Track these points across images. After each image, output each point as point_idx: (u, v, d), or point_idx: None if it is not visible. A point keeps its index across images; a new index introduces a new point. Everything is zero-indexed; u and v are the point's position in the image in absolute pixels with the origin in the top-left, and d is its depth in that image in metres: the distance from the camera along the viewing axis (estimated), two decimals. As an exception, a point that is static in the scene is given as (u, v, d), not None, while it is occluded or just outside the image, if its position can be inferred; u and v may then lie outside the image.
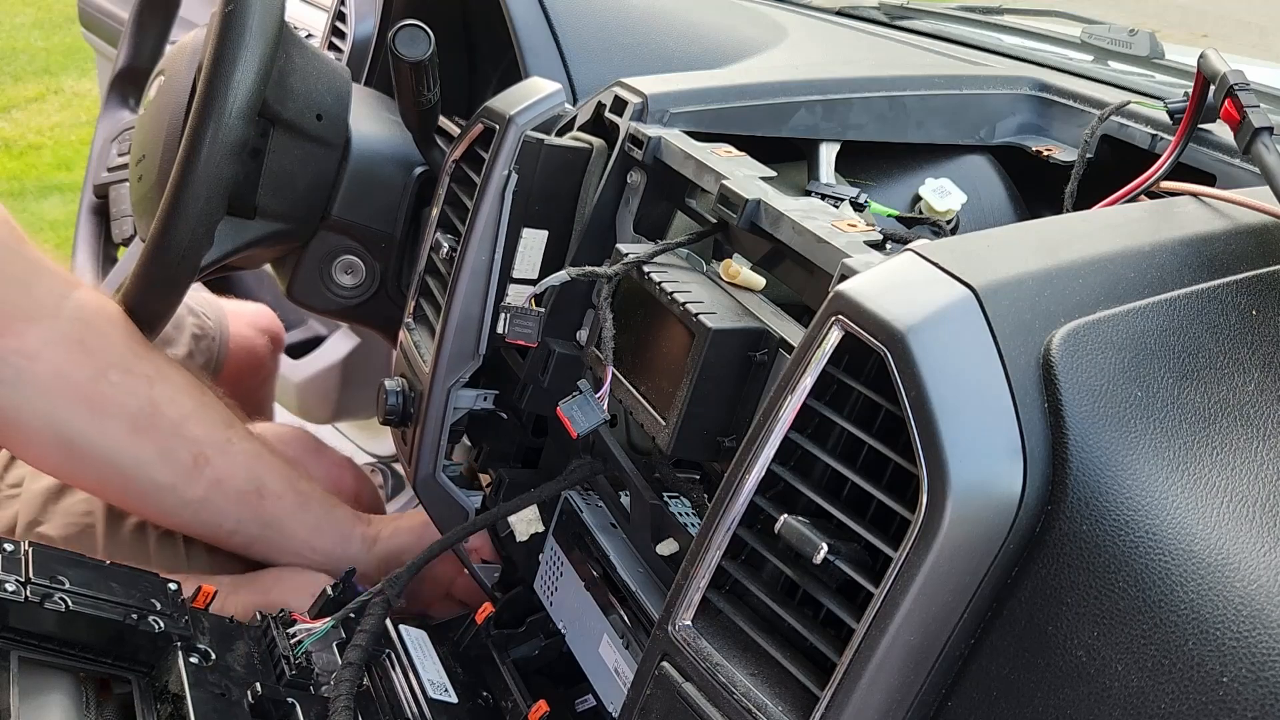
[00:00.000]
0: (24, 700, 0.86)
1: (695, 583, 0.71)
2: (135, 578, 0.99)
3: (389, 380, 1.16)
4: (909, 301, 0.63)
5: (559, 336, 1.03)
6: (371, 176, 1.29)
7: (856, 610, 0.64)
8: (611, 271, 0.90)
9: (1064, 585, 0.60)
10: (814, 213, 0.84)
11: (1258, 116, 0.77)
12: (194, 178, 1.09)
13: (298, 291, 1.33)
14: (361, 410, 2.23)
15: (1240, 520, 0.58)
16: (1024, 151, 1.16)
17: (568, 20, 1.33)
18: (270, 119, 1.20)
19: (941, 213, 1.08)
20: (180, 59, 1.25)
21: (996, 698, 0.62)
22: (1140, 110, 1.08)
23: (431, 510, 1.15)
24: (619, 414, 1.01)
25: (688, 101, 1.03)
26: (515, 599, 1.15)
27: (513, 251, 1.07)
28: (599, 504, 1.05)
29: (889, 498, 0.64)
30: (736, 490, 0.69)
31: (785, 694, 0.67)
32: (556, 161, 1.05)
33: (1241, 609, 0.54)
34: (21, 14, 6.41)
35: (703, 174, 0.93)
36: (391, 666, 1.06)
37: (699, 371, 0.80)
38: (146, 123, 1.28)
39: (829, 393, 0.68)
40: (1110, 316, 0.66)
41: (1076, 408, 0.62)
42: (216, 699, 0.92)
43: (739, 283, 0.88)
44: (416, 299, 1.20)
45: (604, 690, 0.99)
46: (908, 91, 1.13)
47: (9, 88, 5.43)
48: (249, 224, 1.24)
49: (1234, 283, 0.71)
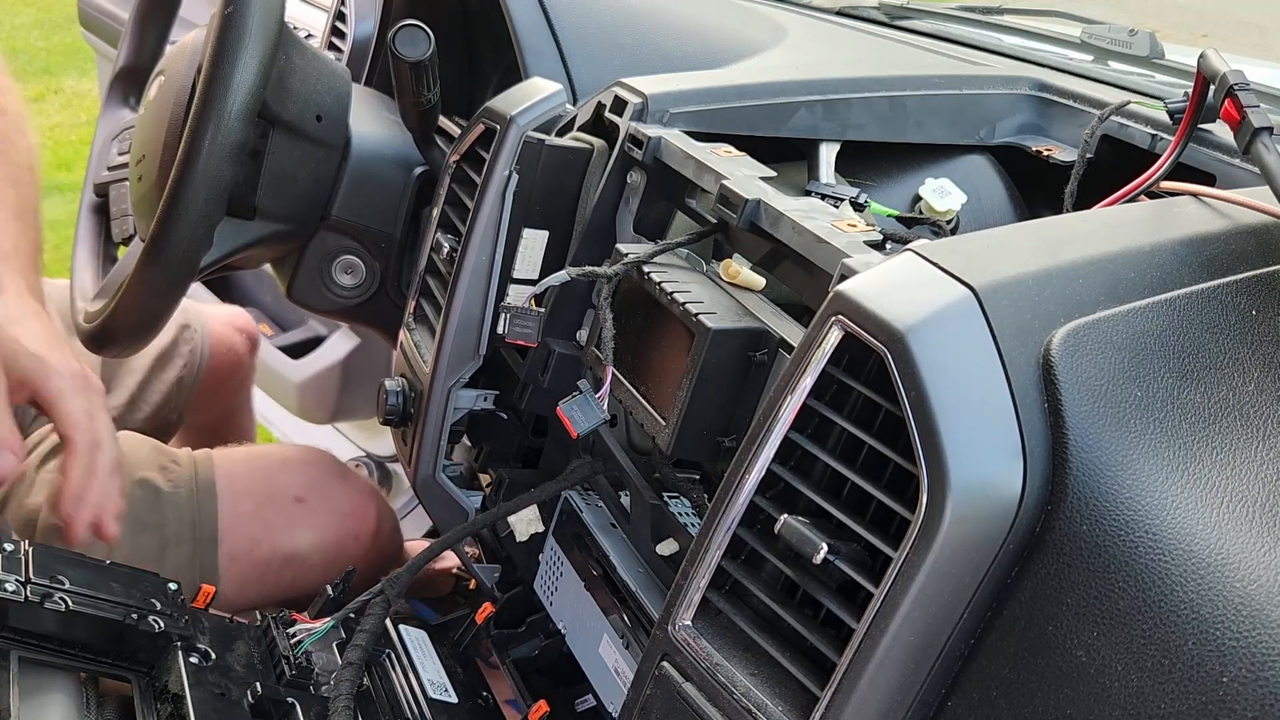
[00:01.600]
0: (24, 700, 0.86)
1: (695, 583, 0.71)
2: (135, 578, 0.99)
3: (389, 380, 1.16)
4: (909, 301, 0.63)
5: (559, 336, 1.03)
6: (371, 177, 1.29)
7: (856, 610, 0.64)
8: (611, 271, 0.90)
9: (1064, 585, 0.60)
10: (814, 213, 0.84)
11: (1258, 116, 0.77)
12: (193, 178, 1.09)
13: (298, 291, 1.33)
14: (361, 410, 2.23)
15: (1240, 520, 0.58)
16: (1024, 151, 1.16)
17: (568, 20, 1.33)
18: (270, 120, 1.20)
19: (941, 213, 1.08)
20: (180, 59, 1.25)
21: (996, 698, 0.62)
22: (1140, 110, 1.09)
23: (431, 510, 1.15)
24: (619, 414, 1.01)
25: (688, 101, 1.03)
26: (515, 599, 1.15)
27: (513, 252, 1.07)
28: (599, 504, 1.05)
29: (889, 498, 0.64)
30: (736, 490, 0.69)
31: (785, 694, 0.67)
32: (557, 162, 1.05)
33: (1241, 609, 0.54)
34: (21, 14, 6.41)
35: (703, 174, 0.93)
36: (391, 666, 1.06)
37: (699, 371, 0.80)
38: (146, 123, 1.28)
39: (829, 393, 0.68)
40: (1110, 316, 0.66)
41: (1076, 408, 0.62)
42: (216, 699, 0.92)
43: (739, 283, 0.88)
44: (417, 299, 1.20)
45: (604, 690, 0.99)
46: (908, 91, 1.13)
47: (9, 88, 5.42)
48: (248, 225, 1.23)
49: (1234, 283, 0.71)
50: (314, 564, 1.39)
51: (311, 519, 1.40)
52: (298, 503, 1.41)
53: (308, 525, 1.40)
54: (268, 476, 1.42)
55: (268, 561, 1.37)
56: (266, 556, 1.37)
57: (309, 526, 1.40)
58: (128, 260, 1.32)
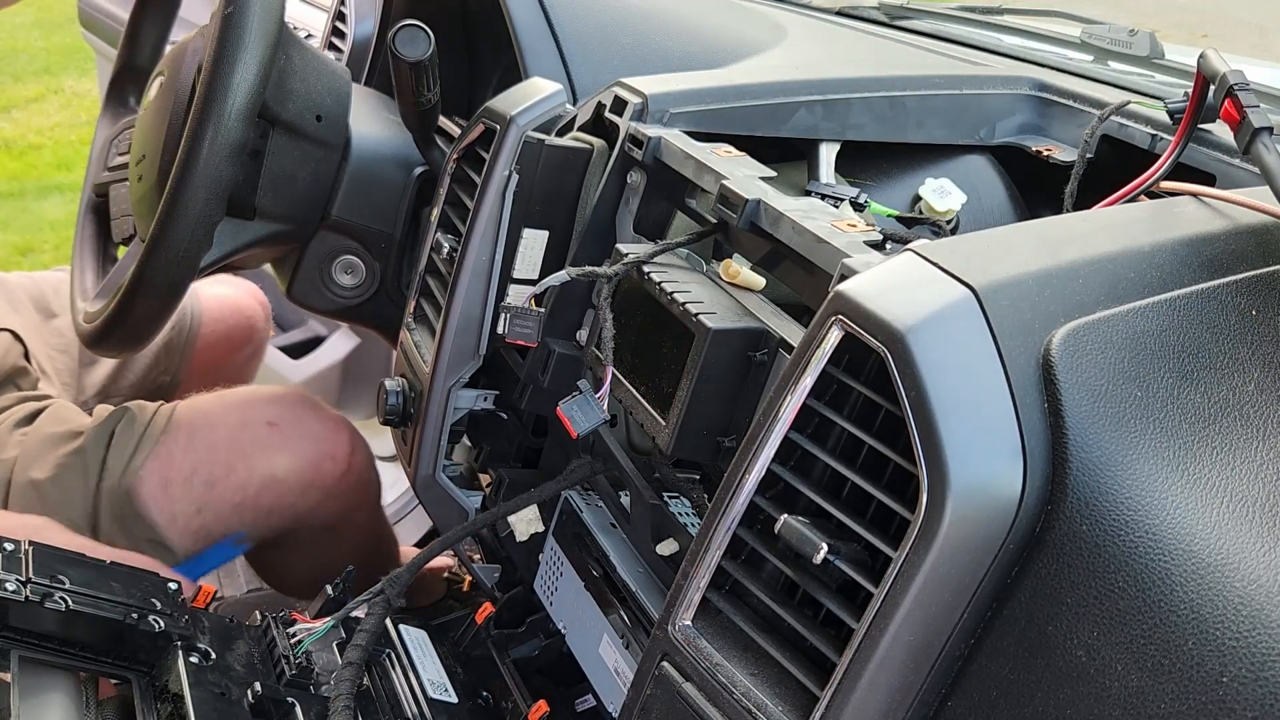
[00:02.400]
0: (24, 700, 0.86)
1: (695, 583, 0.71)
2: (135, 577, 0.99)
3: (389, 380, 1.16)
4: (909, 301, 0.63)
5: (559, 336, 1.03)
6: (371, 177, 1.29)
7: (856, 610, 0.64)
8: (611, 271, 0.90)
9: (1064, 585, 0.60)
10: (814, 213, 0.84)
11: (1258, 116, 0.77)
12: (193, 178, 1.09)
13: (298, 291, 1.33)
14: (361, 410, 2.23)
15: (1240, 520, 0.58)
16: (1024, 151, 1.16)
17: (568, 20, 1.33)
18: (270, 120, 1.20)
19: (941, 213, 1.08)
20: (180, 59, 1.25)
21: (996, 698, 0.62)
22: (1140, 110, 1.08)
23: (431, 510, 1.15)
24: (619, 414, 1.01)
25: (688, 101, 1.03)
26: (515, 599, 1.15)
27: (513, 251, 1.07)
28: (599, 504, 1.05)
29: (889, 498, 0.64)
30: (736, 490, 0.69)
31: (785, 694, 0.67)
32: (557, 162, 1.05)
33: (1241, 609, 0.54)
34: (21, 14, 6.40)
35: (703, 174, 0.93)
36: (391, 666, 1.06)
37: (699, 371, 0.80)
38: (146, 123, 1.28)
39: (829, 393, 0.68)
40: (1110, 316, 0.66)
41: (1076, 408, 0.62)
42: (216, 698, 0.92)
43: (739, 283, 0.88)
44: (417, 299, 1.20)
45: (604, 690, 0.99)
46: (908, 91, 1.13)
47: (9, 88, 5.43)
48: (249, 225, 1.24)
49: (1234, 283, 0.71)
50: (291, 486, 1.43)
51: (285, 444, 1.44)
52: (270, 427, 1.44)
53: (282, 449, 1.43)
54: (240, 407, 1.46)
55: (244, 485, 1.40)
56: (243, 480, 1.40)
57: (283, 450, 1.43)
58: (127, 260, 1.32)
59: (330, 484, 1.45)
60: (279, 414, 1.46)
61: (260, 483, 1.41)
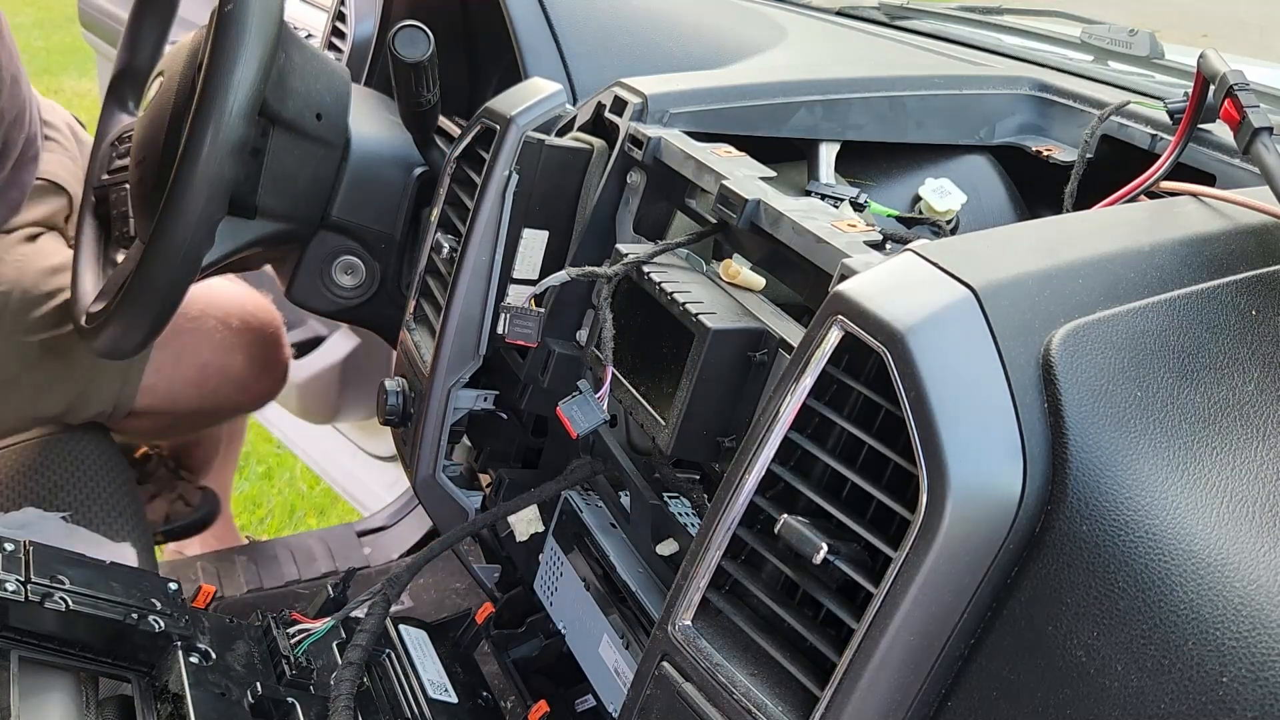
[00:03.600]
0: (24, 700, 0.86)
1: (695, 583, 0.71)
2: (135, 577, 0.99)
3: (389, 380, 1.16)
4: (909, 302, 0.63)
5: (559, 336, 1.03)
6: (371, 177, 1.29)
7: (856, 610, 0.64)
8: (611, 272, 0.90)
9: (1064, 585, 0.60)
10: (814, 213, 0.84)
11: (1257, 116, 0.77)
12: (194, 178, 1.09)
13: (298, 292, 1.33)
14: (361, 410, 2.23)
15: (1240, 520, 0.58)
16: (1024, 151, 1.16)
17: (568, 20, 1.33)
18: (270, 118, 1.20)
19: (941, 213, 1.08)
20: (180, 59, 1.25)
21: (996, 698, 0.62)
22: (1140, 110, 1.08)
23: (431, 510, 1.15)
24: (619, 414, 1.01)
25: (688, 102, 1.03)
26: (515, 599, 1.15)
27: (513, 252, 1.07)
28: (599, 504, 1.05)
29: (889, 498, 0.64)
30: (736, 490, 0.69)
31: (785, 694, 0.67)
32: (557, 162, 1.05)
33: (1241, 609, 0.54)
34: (21, 14, 6.41)
35: (703, 174, 0.93)
36: (391, 666, 1.06)
37: (699, 371, 0.80)
38: (146, 123, 1.28)
39: (829, 393, 0.68)
40: (1110, 316, 0.66)
41: (1076, 408, 0.62)
42: (216, 699, 0.92)
43: (739, 283, 0.88)
44: (417, 299, 1.20)
45: (604, 690, 0.99)
46: (908, 91, 1.13)
47: (9, 88, 5.41)
48: (249, 224, 1.24)
49: (1234, 283, 0.71)
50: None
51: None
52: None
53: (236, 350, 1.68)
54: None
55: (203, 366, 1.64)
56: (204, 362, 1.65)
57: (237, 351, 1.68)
58: (128, 261, 1.32)
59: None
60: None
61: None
